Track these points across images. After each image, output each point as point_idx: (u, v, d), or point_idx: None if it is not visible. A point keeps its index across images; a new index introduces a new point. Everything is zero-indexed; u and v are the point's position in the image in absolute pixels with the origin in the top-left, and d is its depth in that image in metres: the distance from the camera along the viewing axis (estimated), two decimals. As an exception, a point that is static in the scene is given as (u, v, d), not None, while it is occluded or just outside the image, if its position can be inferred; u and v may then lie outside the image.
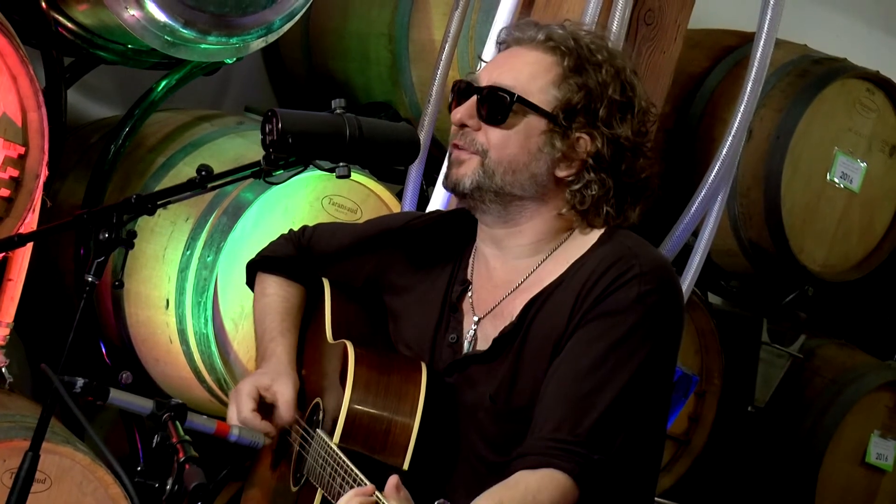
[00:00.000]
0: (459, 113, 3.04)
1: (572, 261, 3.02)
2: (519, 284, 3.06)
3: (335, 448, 2.88)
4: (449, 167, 3.07)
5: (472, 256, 3.17)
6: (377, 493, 2.60)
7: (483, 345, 3.06)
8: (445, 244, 3.22)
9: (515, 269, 3.08)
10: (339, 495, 2.76)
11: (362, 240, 3.33)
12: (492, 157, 3.00)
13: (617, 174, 3.03)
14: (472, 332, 3.09)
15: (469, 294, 3.13)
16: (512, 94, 2.99)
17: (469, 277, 3.15)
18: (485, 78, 3.05)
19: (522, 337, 2.99)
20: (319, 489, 2.92)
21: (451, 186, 3.06)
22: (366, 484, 2.70)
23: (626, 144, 3.02)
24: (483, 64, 3.19)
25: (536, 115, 3.00)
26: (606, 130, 3.00)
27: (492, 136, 3.01)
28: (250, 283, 3.49)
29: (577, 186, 3.02)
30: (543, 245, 3.06)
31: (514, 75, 3.02)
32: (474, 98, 3.03)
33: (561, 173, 3.02)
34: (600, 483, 2.85)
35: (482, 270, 3.13)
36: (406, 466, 2.87)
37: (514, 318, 3.02)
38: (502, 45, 3.14)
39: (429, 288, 3.18)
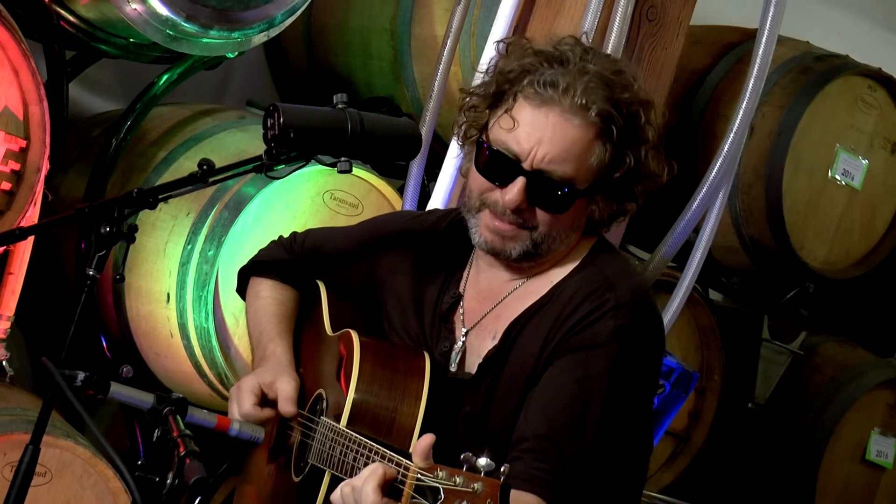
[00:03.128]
0: (512, 199, 2.95)
1: (556, 281, 3.05)
2: (503, 299, 3.09)
3: (345, 429, 2.89)
4: (487, 232, 3.03)
5: (467, 268, 3.19)
6: (407, 461, 2.59)
7: (470, 361, 3.09)
8: (442, 253, 3.23)
9: (503, 282, 3.11)
10: (354, 469, 2.77)
11: (357, 243, 3.35)
12: (541, 231, 3.00)
13: (636, 198, 3.08)
14: (460, 345, 3.12)
15: (460, 306, 3.15)
16: (572, 189, 2.96)
17: (461, 290, 3.17)
18: (530, 154, 2.95)
19: (502, 361, 3.03)
20: (328, 470, 2.92)
21: (492, 253, 3.05)
22: (382, 451, 2.70)
23: (654, 176, 3.05)
24: (515, 123, 2.97)
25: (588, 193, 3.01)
26: (643, 182, 3.05)
27: (543, 218, 2.99)
28: (241, 289, 3.49)
29: (605, 219, 3.07)
30: (540, 263, 3.09)
31: (564, 156, 2.94)
32: (522, 181, 2.96)
33: (595, 217, 3.06)
34: None
35: (474, 280, 3.16)
36: (412, 450, 2.88)
37: (496, 340, 3.05)
38: (522, 93, 2.98)
39: (422, 295, 3.20)
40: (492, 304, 3.10)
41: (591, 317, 2.94)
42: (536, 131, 2.95)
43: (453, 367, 3.10)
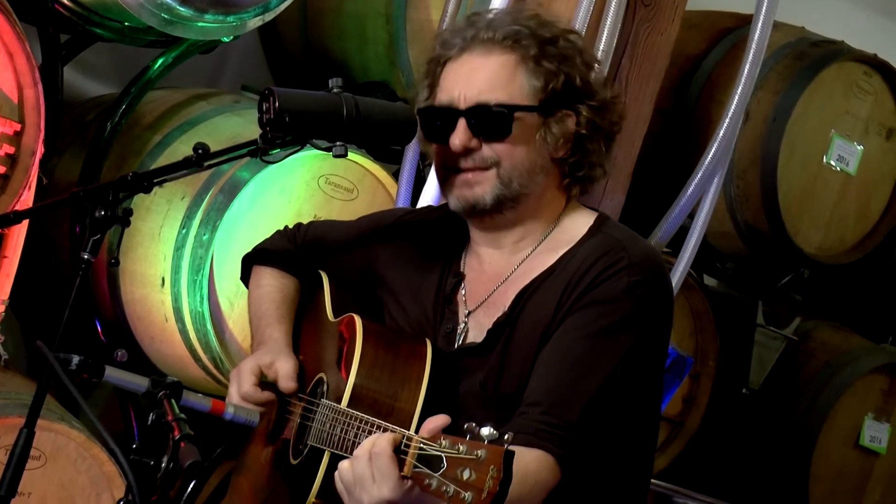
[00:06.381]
0: (458, 139, 3.03)
1: (562, 251, 3.05)
2: (509, 276, 3.10)
3: (345, 409, 2.90)
4: (456, 189, 3.06)
5: (465, 251, 3.20)
6: (409, 432, 2.60)
7: (476, 335, 3.09)
8: (438, 241, 3.24)
9: (506, 261, 3.12)
10: (355, 445, 2.77)
11: (356, 235, 3.36)
12: (504, 165, 3.02)
13: (603, 133, 3.08)
14: (463, 325, 3.11)
15: (462, 287, 3.16)
16: (508, 107, 3.01)
17: (462, 270, 3.18)
18: (459, 97, 3.04)
19: (512, 325, 3.03)
20: (328, 450, 2.92)
21: (468, 208, 3.06)
22: (384, 425, 2.72)
23: (608, 104, 3.08)
24: (442, 83, 3.13)
25: (529, 113, 3.02)
26: (588, 99, 3.05)
27: (497, 148, 3.02)
28: (245, 277, 3.50)
29: (573, 159, 3.07)
30: (537, 235, 3.10)
31: (491, 85, 3.03)
32: (463, 121, 3.03)
33: (559, 153, 3.06)
34: (583, 468, 2.89)
35: (474, 264, 3.17)
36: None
37: (506, 308, 3.05)
38: (443, 58, 3.10)
39: (422, 282, 3.21)
40: (497, 282, 3.10)
41: (604, 274, 2.95)
42: (459, 77, 3.07)
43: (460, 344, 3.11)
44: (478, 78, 3.03)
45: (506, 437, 2.47)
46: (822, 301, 6.46)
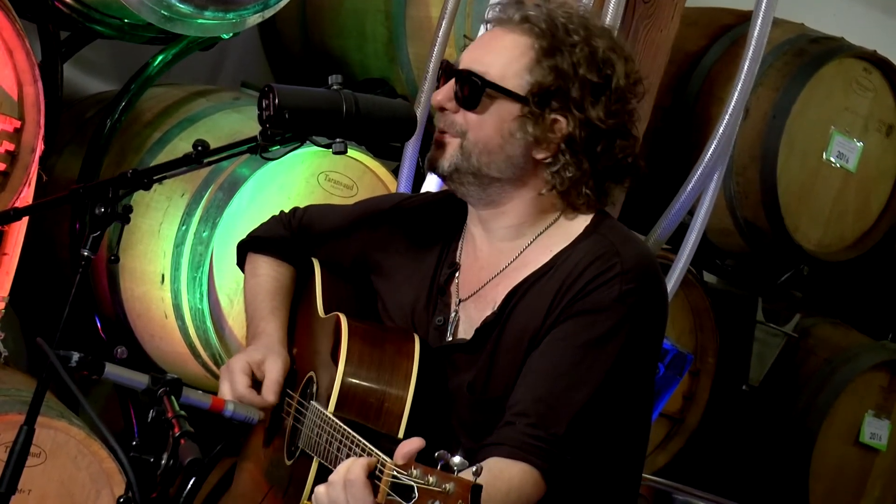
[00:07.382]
0: (439, 96, 3.06)
1: (557, 250, 3.03)
2: (503, 269, 3.07)
3: (331, 416, 2.89)
4: (431, 149, 3.08)
5: (461, 239, 3.18)
6: (384, 457, 2.60)
7: (465, 330, 3.08)
8: (436, 226, 3.23)
9: (501, 251, 3.09)
10: (338, 459, 2.76)
11: (352, 220, 3.34)
12: (469, 138, 3.01)
13: (593, 156, 3.02)
14: (454, 315, 3.10)
15: (456, 276, 3.14)
16: (483, 80, 2.99)
17: (457, 260, 3.16)
18: (465, 60, 3.06)
19: (502, 327, 3.01)
20: (316, 458, 2.92)
21: (430, 168, 3.08)
22: (363, 444, 2.70)
23: (601, 126, 3.00)
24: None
25: (509, 99, 3.00)
26: (579, 113, 2.99)
27: (469, 119, 3.02)
28: (241, 263, 3.50)
29: (554, 168, 3.02)
30: (528, 228, 3.07)
31: (489, 59, 3.02)
32: (453, 81, 3.04)
33: (538, 155, 3.02)
34: (568, 482, 2.88)
35: (470, 252, 3.15)
36: (401, 435, 2.88)
37: (496, 307, 3.03)
38: (488, 24, 3.14)
39: (417, 269, 3.19)
40: (490, 274, 3.08)
41: (596, 281, 2.92)
42: (478, 42, 3.12)
43: (449, 339, 3.09)
44: (487, 47, 3.05)
45: (474, 469, 2.46)
46: (821, 298, 6.47)
